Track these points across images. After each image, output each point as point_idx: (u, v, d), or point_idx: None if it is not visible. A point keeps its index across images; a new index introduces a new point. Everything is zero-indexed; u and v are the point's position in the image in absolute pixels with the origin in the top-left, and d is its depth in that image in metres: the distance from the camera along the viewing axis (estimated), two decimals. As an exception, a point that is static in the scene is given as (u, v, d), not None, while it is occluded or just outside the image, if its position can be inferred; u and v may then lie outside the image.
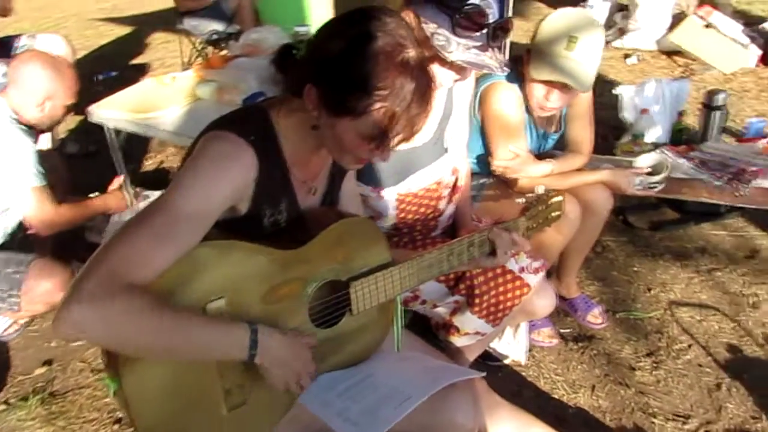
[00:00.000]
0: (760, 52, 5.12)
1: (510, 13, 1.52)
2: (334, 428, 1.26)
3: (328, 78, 1.16)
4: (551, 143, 2.30)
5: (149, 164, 3.93)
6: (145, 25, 6.84)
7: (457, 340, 1.89)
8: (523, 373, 2.27)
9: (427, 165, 1.80)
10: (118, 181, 2.63)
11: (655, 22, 5.44)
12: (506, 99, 2.00)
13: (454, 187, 1.89)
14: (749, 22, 5.60)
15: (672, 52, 5.38)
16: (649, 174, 2.24)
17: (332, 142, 1.23)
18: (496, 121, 2.03)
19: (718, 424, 2.05)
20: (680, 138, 3.26)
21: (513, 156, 2.06)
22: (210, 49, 4.57)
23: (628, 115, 3.57)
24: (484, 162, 2.19)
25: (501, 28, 1.48)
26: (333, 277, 1.37)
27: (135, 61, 5.84)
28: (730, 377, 2.22)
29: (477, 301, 1.80)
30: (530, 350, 2.31)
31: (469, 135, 2.01)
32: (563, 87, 1.92)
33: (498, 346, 2.21)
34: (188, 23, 4.69)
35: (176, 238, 1.11)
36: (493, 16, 1.46)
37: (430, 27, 1.49)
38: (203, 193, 1.14)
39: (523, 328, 2.20)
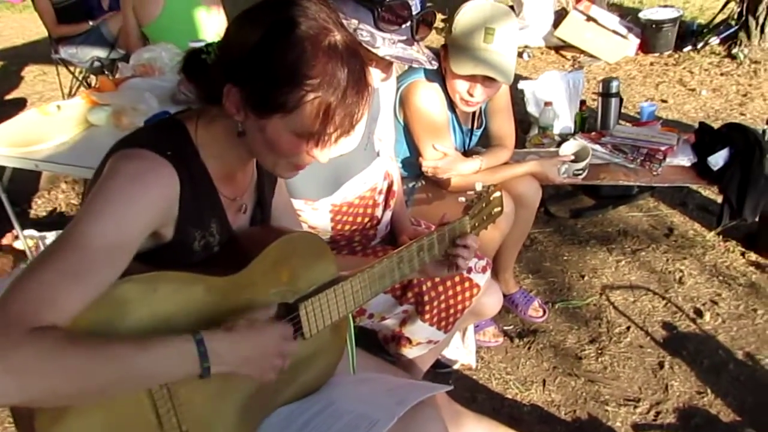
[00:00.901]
0: (638, 41, 5.43)
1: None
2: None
3: (249, 74, 1.02)
4: (475, 140, 2.26)
5: (40, 204, 3.56)
6: (16, 58, 6.31)
7: (409, 352, 1.79)
8: (475, 377, 2.20)
9: (360, 171, 1.69)
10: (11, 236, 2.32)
11: (539, 20, 5.66)
12: (428, 97, 1.93)
13: (389, 191, 1.79)
14: (623, 14, 5.94)
15: (558, 47, 5.61)
16: (573, 161, 2.25)
17: (264, 148, 1.08)
18: (420, 120, 1.95)
19: (667, 403, 2.07)
20: (584, 126, 3.34)
21: (441, 155, 1.99)
22: (93, 78, 4.24)
23: (532, 109, 3.63)
24: (411, 165, 2.11)
25: (424, 21, 1.40)
26: (279, 300, 1.22)
27: (10, 97, 5.35)
28: (670, 355, 2.26)
29: (427, 308, 1.70)
30: (477, 351, 2.25)
31: (394, 138, 1.93)
32: (486, 80, 1.88)
33: (446, 352, 2.12)
34: (65, 52, 4.31)
35: (90, 274, 0.93)
36: (415, 8, 1.38)
37: (351, 23, 1.39)
38: (118, 218, 0.97)
39: (470, 330, 2.13)
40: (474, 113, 2.17)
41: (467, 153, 2.18)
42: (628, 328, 2.39)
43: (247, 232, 1.27)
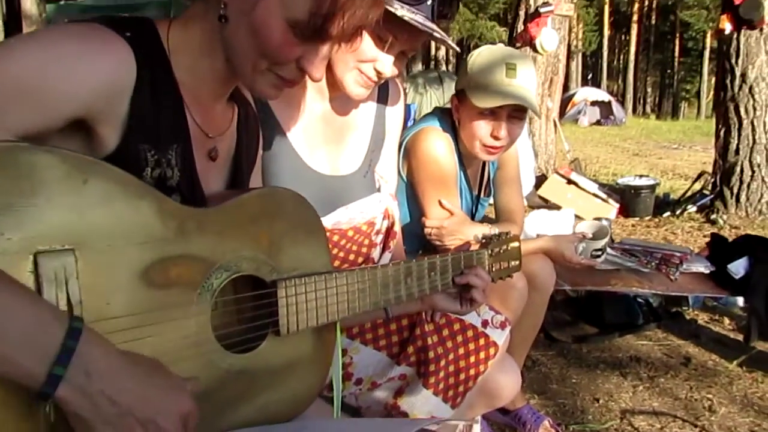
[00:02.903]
0: (618, 205, 5.49)
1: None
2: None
3: None
4: (482, 210, 2.02)
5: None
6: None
7: (405, 435, 1.36)
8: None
9: (357, 199, 1.42)
10: None
11: (522, 182, 5.74)
12: (439, 144, 1.73)
13: (388, 233, 1.50)
14: (601, 184, 6.12)
15: (540, 207, 5.63)
16: (591, 240, 2.00)
17: (246, 40, 0.84)
18: (428, 171, 1.73)
19: None
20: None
21: (447, 215, 1.74)
22: None
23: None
24: (411, 235, 1.83)
25: (447, 1, 1.25)
26: (252, 272, 0.89)
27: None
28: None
29: (432, 369, 1.33)
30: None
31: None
32: (509, 120, 1.70)
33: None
34: None
35: None
36: None
37: None
38: (43, 64, 0.72)
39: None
40: (482, 180, 1.97)
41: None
42: (660, 456, 1.97)
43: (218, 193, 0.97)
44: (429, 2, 1.23)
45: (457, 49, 1.36)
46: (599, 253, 2.00)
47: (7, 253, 0.65)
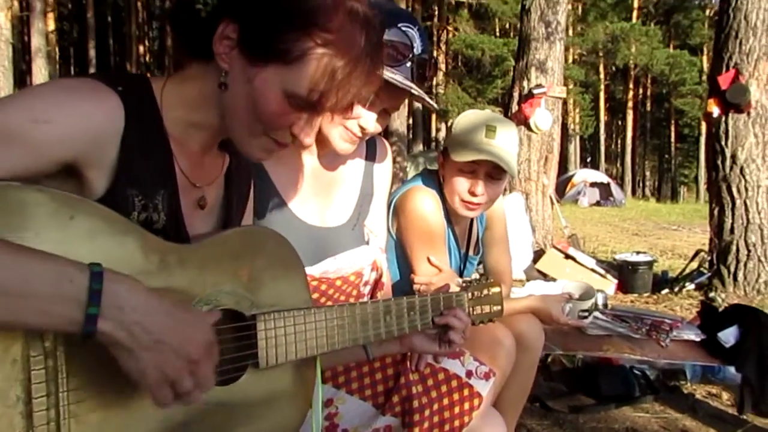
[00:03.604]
0: (616, 281, 5.50)
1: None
2: None
3: (255, 8, 0.88)
4: (471, 269, 2.05)
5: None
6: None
7: (387, 490, 1.35)
8: None
9: (345, 251, 1.47)
10: None
11: (520, 255, 5.80)
12: (426, 202, 1.79)
13: (376, 284, 1.53)
14: (598, 260, 6.14)
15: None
16: (578, 300, 2.03)
17: (244, 107, 0.90)
18: (415, 227, 1.78)
19: None
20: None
21: (436, 271, 1.78)
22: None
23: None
24: (401, 292, 1.85)
25: (425, 64, 1.35)
26: (232, 305, 0.92)
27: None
28: None
29: (416, 418, 1.33)
30: None
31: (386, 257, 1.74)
32: (487, 179, 1.77)
33: None
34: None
35: None
36: (416, 49, 1.34)
37: None
38: (35, 114, 0.78)
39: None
40: (470, 239, 2.01)
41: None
42: None
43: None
44: (408, 64, 1.33)
45: (436, 106, 1.45)
46: (586, 314, 2.02)
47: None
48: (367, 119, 1.33)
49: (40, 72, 15.38)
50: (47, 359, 0.70)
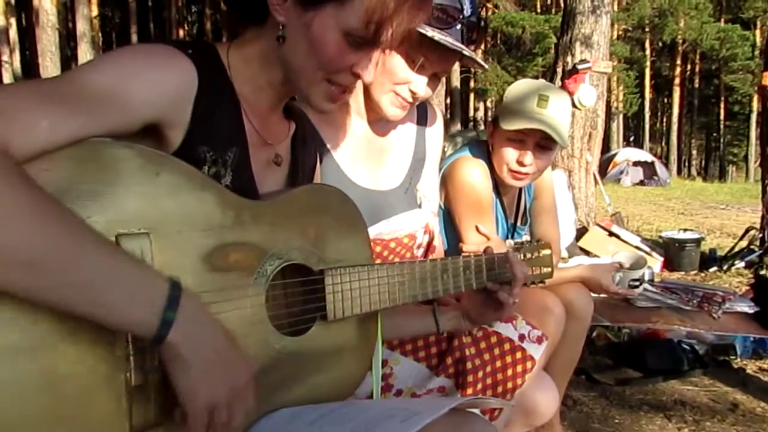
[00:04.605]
0: (662, 259, 5.40)
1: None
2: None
3: None
4: (518, 239, 2.06)
5: None
6: None
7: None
8: None
9: (398, 213, 1.50)
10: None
11: (563, 234, 5.73)
12: (475, 172, 1.80)
13: (429, 247, 1.56)
14: (644, 238, 6.04)
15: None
16: (630, 269, 2.02)
17: (304, 55, 0.94)
18: (463, 196, 1.80)
19: None
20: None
21: (484, 240, 1.79)
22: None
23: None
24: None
25: (475, 27, 1.35)
26: (301, 261, 0.96)
27: None
28: None
29: (470, 379, 1.36)
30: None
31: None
32: (537, 149, 1.77)
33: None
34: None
35: (72, 109, 0.76)
36: (467, 11, 1.34)
37: None
38: (121, 77, 0.82)
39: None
40: (518, 209, 2.02)
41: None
42: (707, 497, 1.90)
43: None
44: (458, 27, 1.34)
45: (487, 67, 1.45)
46: (636, 283, 2.01)
47: (93, 235, 0.75)
48: (417, 83, 1.34)
49: (85, 57, 15.78)
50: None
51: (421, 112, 1.57)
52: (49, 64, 13.87)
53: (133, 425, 0.75)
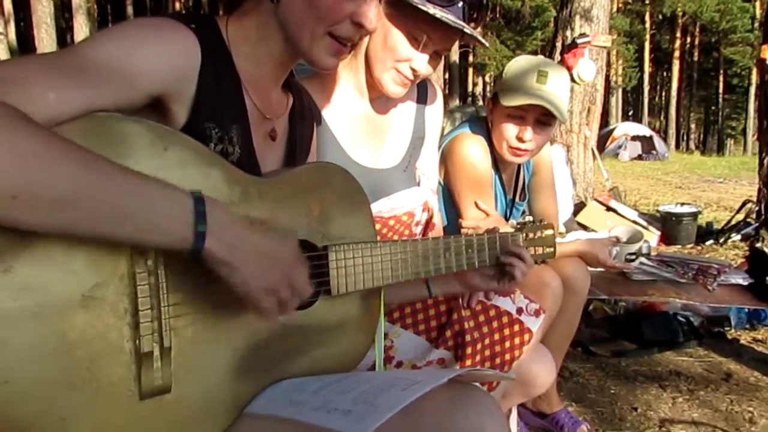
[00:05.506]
0: (659, 233, 5.44)
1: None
2: (315, 422, 0.78)
3: None
4: (516, 215, 2.09)
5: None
6: None
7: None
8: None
9: (397, 191, 1.52)
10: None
11: (561, 209, 5.76)
12: (473, 148, 1.82)
13: (427, 225, 1.59)
14: (641, 212, 6.07)
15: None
16: (626, 243, 2.05)
17: (302, 11, 0.95)
18: (463, 173, 1.82)
19: None
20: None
21: (484, 215, 1.82)
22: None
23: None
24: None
25: (477, 4, 1.35)
26: (306, 237, 0.99)
27: None
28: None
29: (469, 351, 1.40)
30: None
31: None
32: (536, 125, 1.79)
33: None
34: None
35: (80, 81, 0.77)
36: None
37: None
38: (127, 49, 0.84)
39: (514, 422, 1.74)
40: (517, 185, 2.04)
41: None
42: (699, 464, 1.96)
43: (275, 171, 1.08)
44: (459, 4, 1.34)
45: (487, 44, 1.46)
46: (633, 257, 2.04)
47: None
48: (418, 61, 1.35)
49: (81, 29, 15.63)
50: (150, 276, 0.77)
51: (421, 91, 1.58)
52: (45, 36, 13.76)
53: (142, 391, 0.78)
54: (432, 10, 1.26)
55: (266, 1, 0.96)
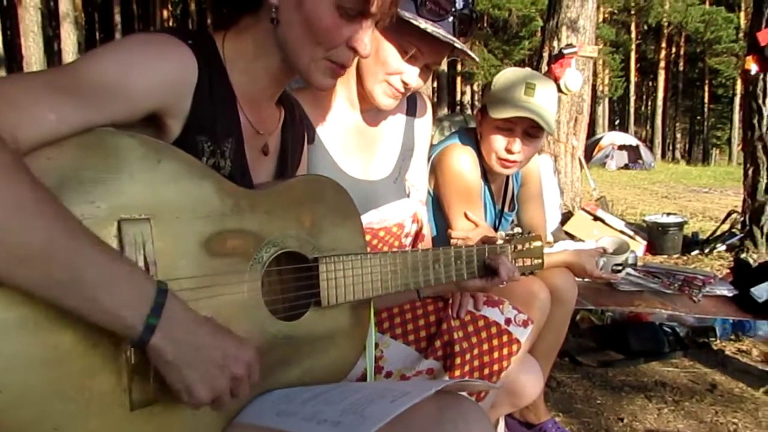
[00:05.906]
0: (645, 243, 5.49)
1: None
2: (304, 434, 0.79)
3: None
4: (505, 225, 2.11)
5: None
6: None
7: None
8: None
9: (387, 203, 1.53)
10: None
11: (549, 218, 5.79)
12: (463, 159, 1.84)
13: (417, 236, 1.60)
14: (628, 222, 6.12)
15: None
16: (613, 254, 2.07)
17: (300, 34, 0.95)
18: (452, 184, 1.83)
19: None
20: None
21: (473, 226, 1.83)
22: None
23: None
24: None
25: (467, 19, 1.36)
26: (296, 248, 0.99)
27: None
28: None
29: (458, 361, 1.40)
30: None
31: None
32: (525, 137, 1.80)
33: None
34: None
35: (78, 100, 0.78)
36: (459, 4, 1.36)
37: None
38: (124, 66, 0.84)
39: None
40: (506, 196, 2.06)
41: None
42: (684, 474, 1.98)
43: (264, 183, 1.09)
44: (450, 19, 1.36)
45: (477, 59, 1.48)
46: (619, 268, 2.06)
47: (97, 219, 0.77)
48: (409, 74, 1.36)
49: (68, 37, 15.56)
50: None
51: (410, 103, 1.60)
52: (32, 44, 13.68)
53: (133, 401, 0.78)
54: (423, 24, 1.27)
55: (265, 20, 0.97)
